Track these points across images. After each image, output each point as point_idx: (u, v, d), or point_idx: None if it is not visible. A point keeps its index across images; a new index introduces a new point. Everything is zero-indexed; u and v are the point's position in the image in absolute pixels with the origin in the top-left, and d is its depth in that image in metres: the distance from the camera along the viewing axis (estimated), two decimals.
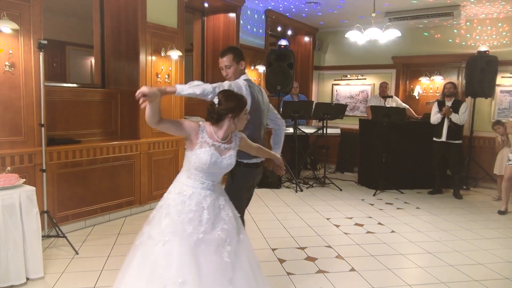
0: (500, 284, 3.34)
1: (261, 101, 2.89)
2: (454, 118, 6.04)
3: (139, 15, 4.83)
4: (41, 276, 3.18)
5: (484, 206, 5.90)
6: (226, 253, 2.22)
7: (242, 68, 2.86)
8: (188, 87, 2.45)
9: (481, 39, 7.14)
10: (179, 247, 2.14)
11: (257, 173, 2.96)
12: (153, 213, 2.32)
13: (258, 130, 2.91)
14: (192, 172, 2.30)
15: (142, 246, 2.24)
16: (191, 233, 2.17)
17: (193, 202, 2.24)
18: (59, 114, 4.49)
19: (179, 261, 2.12)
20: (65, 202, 4.20)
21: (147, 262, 2.15)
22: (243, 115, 2.32)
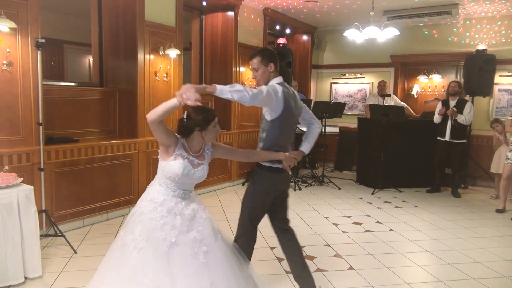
0: (498, 282, 3.36)
1: (293, 107, 2.72)
2: (460, 119, 6.04)
3: (137, 13, 4.82)
4: (39, 275, 3.17)
5: (482, 204, 5.91)
6: (202, 253, 2.27)
7: (271, 70, 2.71)
8: (228, 90, 2.28)
9: (479, 37, 7.14)
10: (154, 253, 2.19)
11: (282, 178, 2.80)
12: (127, 219, 2.37)
13: (288, 138, 2.79)
14: (164, 181, 2.34)
15: (117, 252, 2.29)
16: (164, 238, 2.22)
17: (164, 208, 2.29)
18: (57, 113, 4.48)
19: (154, 267, 2.17)
20: (63, 201, 4.20)
21: (124, 268, 2.20)
22: (211, 128, 2.33)
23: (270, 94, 2.51)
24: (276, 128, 2.67)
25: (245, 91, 2.33)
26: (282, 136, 2.71)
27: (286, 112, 2.65)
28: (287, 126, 2.73)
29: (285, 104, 2.62)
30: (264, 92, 2.46)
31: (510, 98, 6.94)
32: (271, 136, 2.68)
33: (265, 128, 2.71)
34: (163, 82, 5.20)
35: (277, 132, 2.68)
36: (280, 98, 2.58)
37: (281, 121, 2.66)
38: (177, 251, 2.22)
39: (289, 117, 2.70)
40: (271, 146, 2.69)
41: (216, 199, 5.79)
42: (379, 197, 6.17)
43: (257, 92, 2.40)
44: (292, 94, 2.76)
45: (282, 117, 2.64)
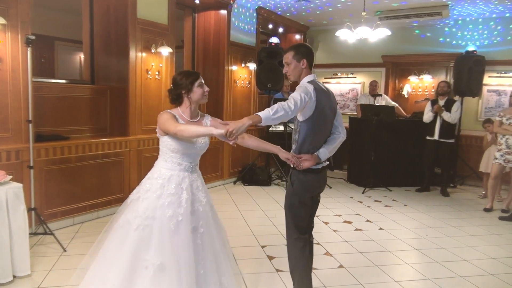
0: (485, 280, 3.41)
1: (327, 106, 2.62)
2: (445, 117, 6.11)
3: (129, 10, 4.79)
4: (28, 273, 3.15)
5: (470, 203, 6.00)
6: (199, 235, 2.31)
7: (303, 66, 2.63)
8: (272, 117, 2.27)
9: (469, 39, 7.23)
10: (159, 231, 2.20)
11: (320, 179, 2.74)
12: (130, 197, 2.37)
13: (322, 136, 2.68)
14: (169, 155, 2.36)
15: (120, 230, 2.28)
16: (170, 216, 2.22)
17: (172, 184, 2.30)
18: (47, 110, 4.44)
19: (159, 245, 2.18)
20: (53, 199, 4.17)
21: (126, 245, 2.20)
22: (196, 88, 2.37)
23: (304, 99, 2.44)
24: (309, 129, 2.59)
25: (284, 110, 2.31)
26: (316, 137, 2.62)
27: (319, 112, 2.56)
28: (320, 126, 2.63)
29: (318, 103, 2.53)
30: (298, 101, 2.41)
31: (498, 98, 7.03)
32: (304, 137, 2.60)
33: (298, 129, 2.64)
34: (155, 80, 5.18)
35: (310, 133, 2.59)
36: (313, 99, 2.50)
37: (314, 121, 2.57)
38: (183, 230, 2.23)
39: (322, 117, 2.60)
40: (304, 147, 2.61)
41: None
42: (369, 196, 6.22)
43: (293, 103, 2.37)
44: (326, 91, 2.66)
45: (315, 116, 2.56)
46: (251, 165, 6.86)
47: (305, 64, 2.64)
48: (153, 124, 5.22)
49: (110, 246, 2.28)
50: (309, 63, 2.66)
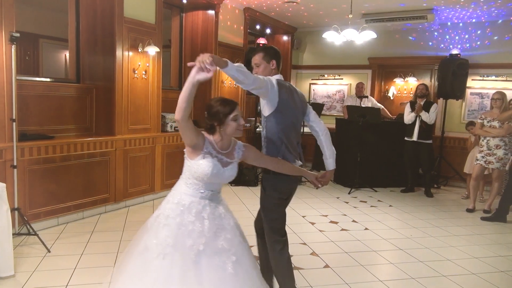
0: (467, 279, 3.48)
1: (291, 102, 2.67)
2: (424, 117, 6.25)
3: (116, 9, 4.75)
4: (11, 274, 3.10)
5: (454, 204, 6.11)
6: (231, 263, 2.13)
7: (273, 67, 2.72)
8: (235, 69, 2.20)
9: (453, 42, 7.37)
10: (180, 260, 2.06)
11: (291, 181, 2.74)
12: (150, 221, 2.23)
13: (292, 134, 2.69)
14: (191, 181, 2.21)
15: (140, 257, 2.14)
16: (191, 245, 2.08)
17: (192, 212, 2.16)
18: (32, 109, 4.38)
19: (180, 275, 2.04)
20: (37, 199, 4.11)
21: (147, 274, 2.07)
22: (230, 122, 2.18)
23: (266, 82, 2.49)
24: (274, 123, 2.61)
25: (247, 73, 2.30)
26: (282, 131, 2.62)
27: (283, 106, 2.60)
28: (286, 120, 2.64)
29: (281, 97, 2.58)
30: (261, 78, 2.46)
31: (481, 101, 7.18)
32: (271, 131, 2.62)
33: (264, 124, 2.68)
34: (142, 79, 5.14)
35: (275, 126, 2.61)
36: (275, 91, 2.56)
37: (278, 115, 2.60)
38: (205, 260, 2.09)
39: (287, 111, 2.63)
40: (272, 142, 2.62)
41: None
42: (355, 196, 6.29)
43: (256, 77, 2.41)
44: (291, 89, 2.73)
45: (279, 110, 2.59)
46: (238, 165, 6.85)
47: (275, 65, 2.73)
48: (139, 124, 5.20)
49: (131, 274, 2.14)
50: (278, 64, 2.75)
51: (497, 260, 3.93)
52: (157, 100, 5.39)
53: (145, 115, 5.25)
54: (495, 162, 5.36)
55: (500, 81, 6.99)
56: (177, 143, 5.77)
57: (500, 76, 6.99)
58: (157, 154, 5.48)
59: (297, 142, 2.78)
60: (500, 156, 5.33)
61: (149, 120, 5.33)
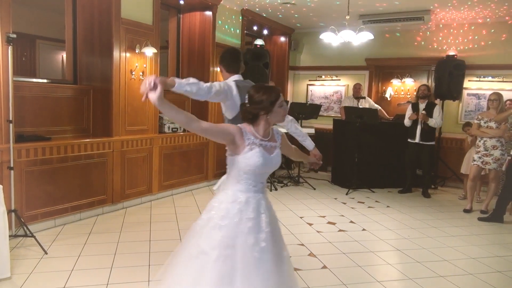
0: (464, 279, 3.49)
1: None
2: (431, 123, 6.24)
3: (113, 10, 4.75)
4: (7, 276, 3.09)
5: (451, 205, 6.13)
6: (285, 259, 2.13)
7: (223, 71, 2.96)
8: (186, 84, 2.34)
9: (449, 43, 7.39)
10: (242, 261, 1.99)
11: None
12: (200, 224, 2.13)
13: None
14: (242, 177, 2.13)
15: (196, 261, 2.03)
16: (253, 243, 2.02)
17: (250, 208, 2.09)
18: (29, 110, 4.36)
19: (243, 276, 1.98)
20: (34, 200, 4.09)
21: (205, 280, 1.97)
22: (277, 109, 2.12)
23: (223, 89, 2.61)
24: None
25: (200, 83, 2.42)
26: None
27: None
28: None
29: (242, 99, 2.60)
30: (217, 85, 2.58)
31: (478, 102, 7.21)
32: None
33: None
34: (139, 80, 5.13)
35: None
36: (235, 95, 2.66)
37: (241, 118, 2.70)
38: (269, 257, 2.04)
39: None
40: None
41: (192, 199, 5.77)
42: (353, 197, 6.30)
43: (211, 85, 2.51)
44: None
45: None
46: None
47: (223, 69, 2.99)
48: (137, 125, 5.20)
49: (185, 280, 2.02)
50: (226, 67, 2.96)
51: (494, 261, 3.94)
52: None
53: (142, 116, 5.24)
54: (492, 163, 5.38)
55: (497, 82, 7.02)
56: (174, 144, 5.77)
57: (496, 77, 7.02)
58: (155, 155, 5.47)
59: None
60: (497, 157, 5.35)
61: (146, 121, 5.33)
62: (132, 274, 3.29)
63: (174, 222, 4.71)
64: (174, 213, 5.05)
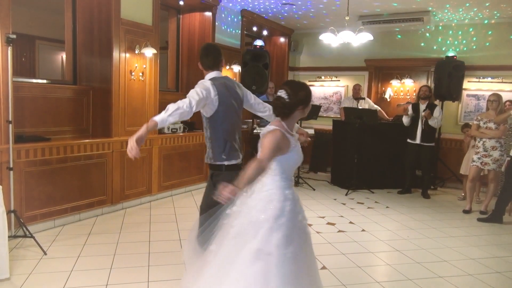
0: (463, 280, 3.49)
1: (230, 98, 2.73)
2: (432, 122, 6.24)
3: (112, 10, 4.75)
4: (7, 277, 3.08)
5: (450, 205, 6.13)
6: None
7: (201, 68, 2.85)
8: (167, 116, 2.35)
9: (449, 44, 7.40)
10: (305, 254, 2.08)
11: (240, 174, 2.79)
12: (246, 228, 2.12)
13: (233, 129, 2.77)
14: (285, 174, 2.20)
15: (258, 263, 2.02)
16: (306, 239, 2.16)
17: (298, 204, 2.19)
18: (28, 110, 4.36)
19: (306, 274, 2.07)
20: (33, 201, 4.09)
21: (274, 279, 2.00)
22: (310, 103, 2.25)
23: (202, 96, 2.53)
24: (218, 124, 2.69)
25: (179, 107, 2.37)
26: (226, 131, 2.71)
27: (224, 105, 2.67)
28: (229, 118, 2.73)
29: (221, 97, 2.64)
30: (195, 96, 2.49)
31: (477, 103, 7.21)
32: (215, 132, 2.70)
33: (207, 126, 2.73)
34: (139, 81, 5.14)
35: (219, 127, 2.69)
36: (213, 93, 2.61)
37: (220, 116, 2.67)
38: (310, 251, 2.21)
39: (228, 110, 2.71)
40: (218, 142, 2.69)
41: (192, 200, 5.77)
42: (352, 198, 6.30)
43: (189, 100, 2.44)
44: (226, 83, 2.76)
45: (220, 111, 2.66)
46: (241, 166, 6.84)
47: (200, 66, 2.83)
48: (136, 126, 5.18)
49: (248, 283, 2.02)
50: (203, 64, 2.80)
51: (494, 261, 3.94)
52: (154, 102, 5.38)
53: (142, 116, 5.24)
54: (491, 164, 5.38)
55: (496, 83, 7.02)
56: (174, 145, 5.77)
57: (496, 78, 7.03)
58: (154, 156, 5.47)
59: (239, 137, 2.85)
60: (496, 158, 5.35)
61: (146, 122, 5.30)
62: (131, 275, 3.29)
63: (173, 222, 4.71)
64: (173, 214, 5.05)
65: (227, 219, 2.16)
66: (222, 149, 2.71)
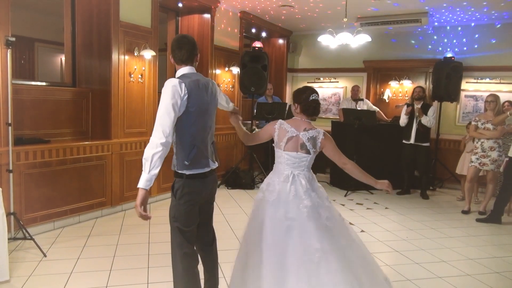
0: (462, 280, 3.50)
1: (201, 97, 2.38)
2: (424, 121, 6.27)
3: (111, 13, 4.76)
4: (6, 279, 3.09)
5: (449, 206, 6.14)
6: None
7: (172, 61, 2.47)
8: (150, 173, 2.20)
9: (447, 45, 7.43)
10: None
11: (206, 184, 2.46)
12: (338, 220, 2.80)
13: (203, 133, 2.43)
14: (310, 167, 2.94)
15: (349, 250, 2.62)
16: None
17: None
18: (27, 113, 4.37)
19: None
20: (33, 203, 4.10)
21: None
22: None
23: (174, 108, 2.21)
24: (186, 126, 2.32)
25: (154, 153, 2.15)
26: (194, 135, 2.35)
27: (194, 105, 2.31)
28: (199, 120, 2.36)
29: (191, 97, 2.28)
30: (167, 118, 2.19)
31: (476, 104, 7.24)
32: (181, 136, 2.33)
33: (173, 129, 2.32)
34: (138, 83, 5.15)
35: (186, 129, 2.32)
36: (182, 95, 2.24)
37: (189, 117, 2.31)
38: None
39: (199, 109, 2.35)
40: (184, 145, 2.33)
41: None
42: (351, 199, 6.31)
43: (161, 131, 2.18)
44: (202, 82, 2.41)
45: (189, 111, 2.30)
46: (235, 168, 6.87)
47: (172, 59, 2.47)
48: (136, 128, 5.21)
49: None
50: (175, 57, 2.42)
51: (493, 261, 3.96)
52: (153, 104, 5.39)
53: (141, 118, 5.25)
54: (490, 164, 5.40)
55: (494, 84, 7.05)
56: None
57: (494, 79, 7.05)
58: None
59: (212, 142, 2.52)
60: (494, 158, 5.37)
61: (145, 124, 5.34)
62: (131, 277, 3.30)
63: None
64: None
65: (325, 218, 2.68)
66: (186, 156, 2.33)
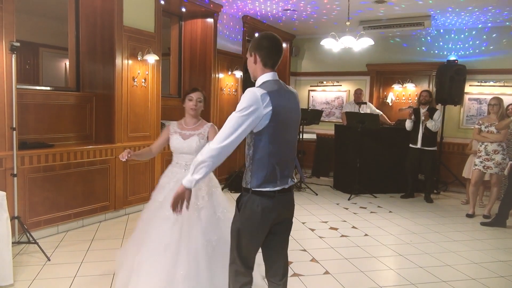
0: (466, 284, 3.48)
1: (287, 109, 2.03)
2: (429, 124, 6.25)
3: (115, 18, 4.80)
4: (10, 283, 3.10)
5: (453, 209, 6.11)
6: None
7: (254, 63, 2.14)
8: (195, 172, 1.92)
9: (450, 48, 7.42)
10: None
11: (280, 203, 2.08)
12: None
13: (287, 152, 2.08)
14: None
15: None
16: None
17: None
18: (32, 117, 4.40)
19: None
20: (37, 207, 4.11)
21: None
22: (186, 101, 3.05)
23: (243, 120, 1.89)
24: (266, 142, 1.97)
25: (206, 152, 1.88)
26: (276, 151, 2.00)
27: (278, 118, 1.96)
28: (281, 136, 2.01)
29: (275, 108, 1.93)
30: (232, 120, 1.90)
31: (479, 107, 7.21)
32: (260, 153, 1.98)
33: (251, 142, 2.00)
34: (141, 87, 5.17)
35: (267, 147, 1.97)
36: (262, 106, 1.90)
37: (271, 132, 1.96)
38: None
39: (284, 124, 2.01)
40: (261, 164, 1.99)
41: None
42: (355, 202, 6.29)
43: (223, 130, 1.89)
44: (285, 92, 2.08)
45: (272, 126, 1.95)
46: (238, 172, 6.87)
47: (257, 59, 2.09)
48: (139, 132, 5.22)
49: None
50: (262, 58, 2.08)
51: (497, 265, 3.93)
52: (157, 108, 5.41)
53: (144, 123, 5.27)
54: (494, 167, 5.37)
55: (498, 87, 7.02)
56: None
57: (498, 82, 7.03)
58: (157, 161, 5.50)
59: (292, 159, 2.17)
60: (498, 161, 5.34)
61: (148, 128, 5.35)
62: None
63: None
64: None
65: None
66: (263, 176, 2.00)
